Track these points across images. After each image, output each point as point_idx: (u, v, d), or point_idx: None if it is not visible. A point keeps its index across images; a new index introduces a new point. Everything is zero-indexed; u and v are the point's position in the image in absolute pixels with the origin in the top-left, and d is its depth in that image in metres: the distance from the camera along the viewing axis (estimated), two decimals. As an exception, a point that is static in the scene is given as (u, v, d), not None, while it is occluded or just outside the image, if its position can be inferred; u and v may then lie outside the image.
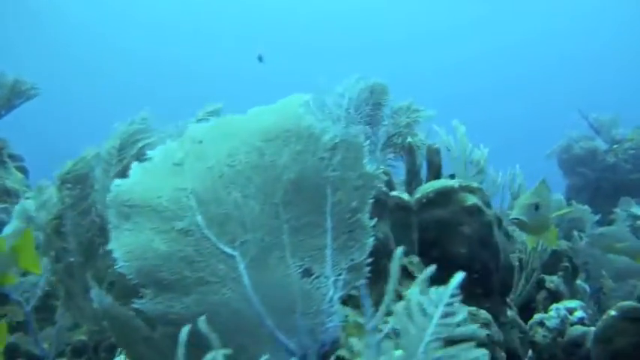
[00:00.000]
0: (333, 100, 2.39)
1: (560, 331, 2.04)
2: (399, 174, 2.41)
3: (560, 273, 2.77)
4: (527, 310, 2.48)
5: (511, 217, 1.69)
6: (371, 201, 1.03)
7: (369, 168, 1.03)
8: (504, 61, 23.88)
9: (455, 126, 2.58)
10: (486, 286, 1.68)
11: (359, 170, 1.02)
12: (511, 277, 2.01)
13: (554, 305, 2.19)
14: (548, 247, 2.68)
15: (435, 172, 2.17)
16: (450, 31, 23.55)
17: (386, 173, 1.87)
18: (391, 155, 2.53)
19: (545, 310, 2.34)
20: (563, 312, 2.08)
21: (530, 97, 22.67)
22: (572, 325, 2.06)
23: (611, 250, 2.60)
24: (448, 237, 1.67)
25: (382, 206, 1.53)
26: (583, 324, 2.05)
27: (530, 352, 2.06)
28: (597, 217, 4.17)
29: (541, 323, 2.08)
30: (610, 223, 5.68)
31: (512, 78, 23.63)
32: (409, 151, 2.20)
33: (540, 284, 2.69)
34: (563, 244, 3.08)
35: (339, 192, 1.02)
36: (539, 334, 2.06)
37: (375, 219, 1.04)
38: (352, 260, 1.02)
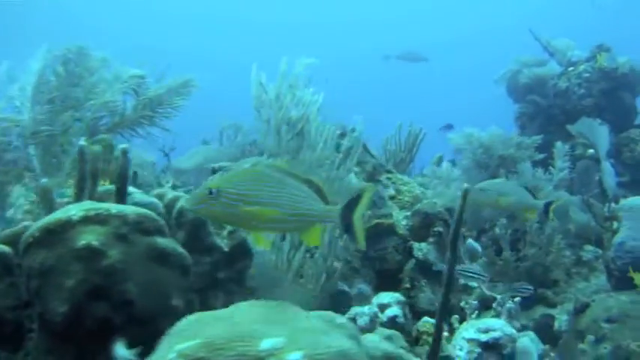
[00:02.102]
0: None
1: (368, 331, 1.68)
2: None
3: (430, 239, 2.37)
4: (394, 281, 2.21)
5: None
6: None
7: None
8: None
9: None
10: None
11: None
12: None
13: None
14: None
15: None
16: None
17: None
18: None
19: (412, 281, 2.05)
20: (374, 309, 1.72)
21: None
22: (381, 324, 1.71)
23: (494, 205, 2.57)
24: (49, 289, 1.21)
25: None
26: (395, 323, 1.71)
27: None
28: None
29: (354, 319, 1.74)
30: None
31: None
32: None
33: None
34: (438, 206, 2.63)
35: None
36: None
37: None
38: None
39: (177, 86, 1.96)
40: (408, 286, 2.42)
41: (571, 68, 5.38)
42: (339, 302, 2.25)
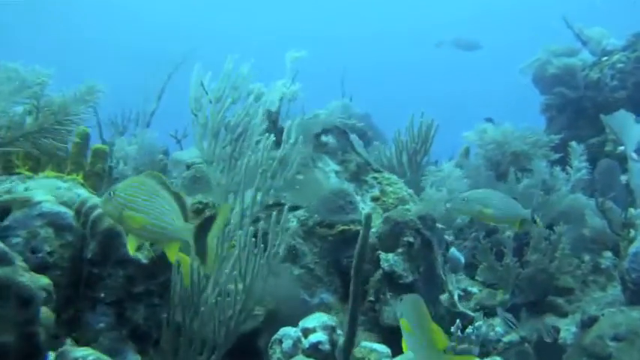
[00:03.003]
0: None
1: (290, 356, 1.53)
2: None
3: (399, 250, 2.18)
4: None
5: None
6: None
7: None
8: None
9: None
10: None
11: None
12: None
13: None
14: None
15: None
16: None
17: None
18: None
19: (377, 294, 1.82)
20: (298, 333, 1.57)
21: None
22: (303, 351, 1.56)
23: (478, 216, 2.42)
24: None
25: None
26: (317, 350, 1.55)
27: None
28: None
29: (280, 341, 1.61)
30: (590, 149, 4.91)
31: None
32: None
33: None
34: (412, 213, 2.43)
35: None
36: (275, 356, 1.58)
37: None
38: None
39: (82, 94, 1.82)
40: (372, 299, 2.25)
41: (605, 58, 5.01)
42: (296, 312, 2.12)
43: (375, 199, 2.84)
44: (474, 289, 3.40)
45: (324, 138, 2.85)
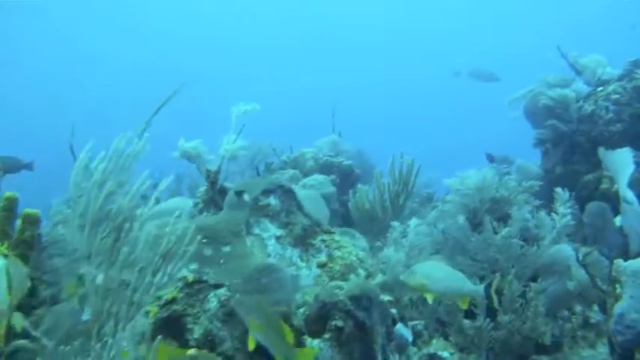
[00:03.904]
0: None
1: None
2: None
3: (326, 335, 1.97)
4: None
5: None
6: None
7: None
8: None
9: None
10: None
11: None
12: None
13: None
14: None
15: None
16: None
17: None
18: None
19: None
20: None
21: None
22: None
23: (422, 290, 2.32)
24: None
25: None
26: None
27: None
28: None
29: None
30: (585, 186, 4.61)
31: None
32: None
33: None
34: (344, 292, 2.20)
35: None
36: None
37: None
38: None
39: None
40: (294, 392, 2.02)
41: (600, 88, 4.71)
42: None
43: (321, 266, 2.62)
44: (445, 354, 3.15)
45: (265, 200, 2.64)
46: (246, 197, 2.63)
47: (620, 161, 3.96)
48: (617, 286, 3.13)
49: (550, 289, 3.43)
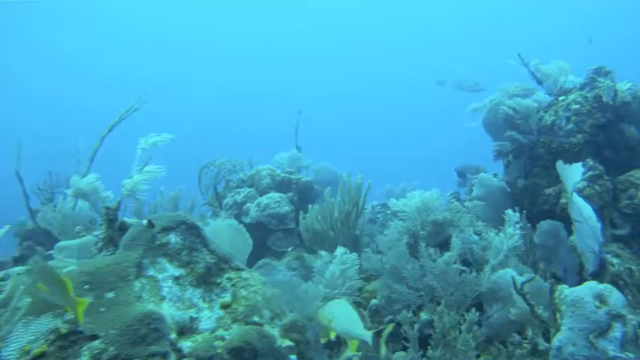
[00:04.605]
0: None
1: None
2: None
3: None
4: None
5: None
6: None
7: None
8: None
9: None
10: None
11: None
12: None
13: None
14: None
15: None
16: None
17: None
18: None
19: None
20: None
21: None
22: None
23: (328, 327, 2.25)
24: None
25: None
26: None
27: None
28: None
29: None
30: (546, 200, 4.42)
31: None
32: None
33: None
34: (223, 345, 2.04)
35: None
36: None
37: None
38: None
39: None
40: None
41: (562, 98, 4.51)
42: None
43: (225, 307, 2.44)
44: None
45: (164, 237, 2.47)
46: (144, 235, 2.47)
47: (571, 177, 3.77)
48: (557, 315, 2.95)
49: (494, 317, 3.25)
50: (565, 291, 2.95)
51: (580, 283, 3.73)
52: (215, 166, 5.71)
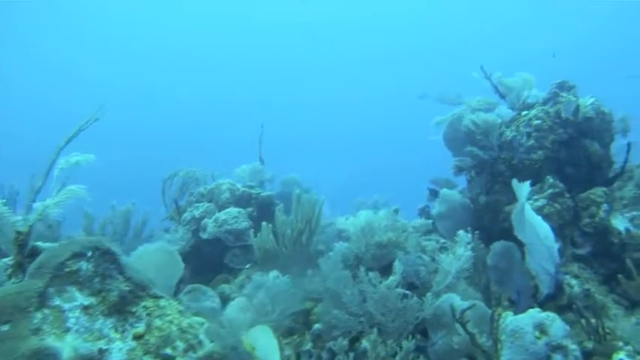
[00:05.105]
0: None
1: None
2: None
3: None
4: None
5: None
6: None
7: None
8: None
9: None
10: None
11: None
12: None
13: None
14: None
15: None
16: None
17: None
18: None
19: None
20: None
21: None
22: None
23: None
24: None
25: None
26: None
27: None
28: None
29: None
30: (506, 217, 4.30)
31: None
32: None
33: None
34: None
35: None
36: None
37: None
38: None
39: None
40: None
41: (525, 112, 4.40)
42: None
43: (137, 337, 2.32)
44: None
45: (74, 265, 2.35)
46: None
47: (520, 195, 3.66)
48: (498, 345, 2.83)
49: (438, 344, 3.12)
50: (507, 319, 2.84)
51: (535, 306, 3.63)
52: (179, 177, 5.59)
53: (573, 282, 3.82)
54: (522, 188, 3.49)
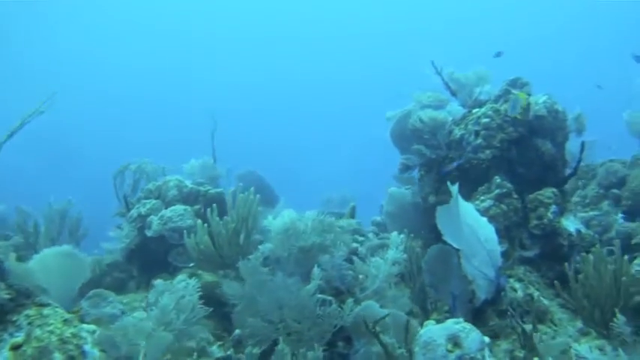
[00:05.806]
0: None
1: None
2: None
3: None
4: None
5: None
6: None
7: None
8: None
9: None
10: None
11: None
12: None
13: None
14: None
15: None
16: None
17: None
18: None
19: None
20: None
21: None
22: None
23: None
24: None
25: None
26: None
27: None
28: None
29: None
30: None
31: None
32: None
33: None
34: None
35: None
36: None
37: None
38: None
39: None
40: None
41: (475, 110, 4.25)
42: None
43: (15, 348, 2.19)
44: None
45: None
46: None
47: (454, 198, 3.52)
48: (412, 357, 2.70)
49: (360, 353, 2.99)
50: (422, 330, 2.71)
51: (473, 311, 3.50)
52: (130, 171, 5.44)
53: (517, 285, 3.68)
54: (454, 191, 3.36)
